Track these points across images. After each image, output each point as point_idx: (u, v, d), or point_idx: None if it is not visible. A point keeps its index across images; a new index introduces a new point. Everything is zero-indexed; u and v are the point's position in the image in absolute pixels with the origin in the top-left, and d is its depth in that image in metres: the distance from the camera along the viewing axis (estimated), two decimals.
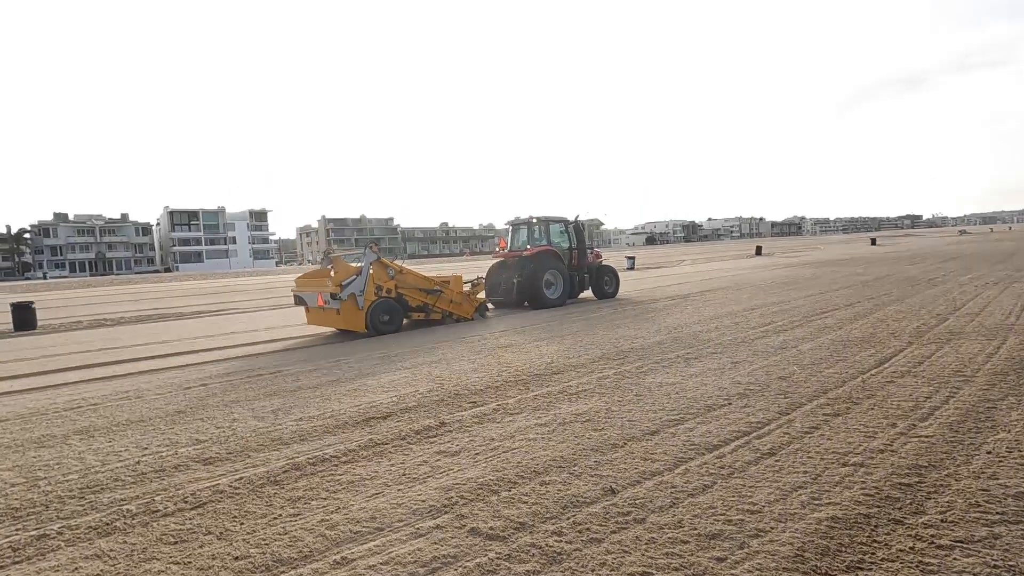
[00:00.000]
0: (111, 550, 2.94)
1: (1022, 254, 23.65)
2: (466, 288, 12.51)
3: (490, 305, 13.63)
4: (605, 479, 3.45)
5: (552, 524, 2.94)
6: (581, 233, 14.72)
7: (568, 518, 2.99)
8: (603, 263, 15.51)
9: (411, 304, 11.27)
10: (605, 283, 15.13)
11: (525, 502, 3.21)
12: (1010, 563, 2.39)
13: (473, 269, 26.35)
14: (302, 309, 11.62)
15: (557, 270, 13.70)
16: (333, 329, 11.30)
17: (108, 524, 3.23)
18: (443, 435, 4.47)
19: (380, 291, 10.73)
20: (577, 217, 14.79)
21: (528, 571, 2.53)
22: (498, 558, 2.65)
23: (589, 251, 15.18)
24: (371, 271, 10.59)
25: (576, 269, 14.41)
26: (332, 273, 10.69)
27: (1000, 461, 3.39)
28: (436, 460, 3.94)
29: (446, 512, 3.14)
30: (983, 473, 3.24)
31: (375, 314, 10.59)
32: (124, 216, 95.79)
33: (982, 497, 2.96)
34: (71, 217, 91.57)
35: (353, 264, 11.11)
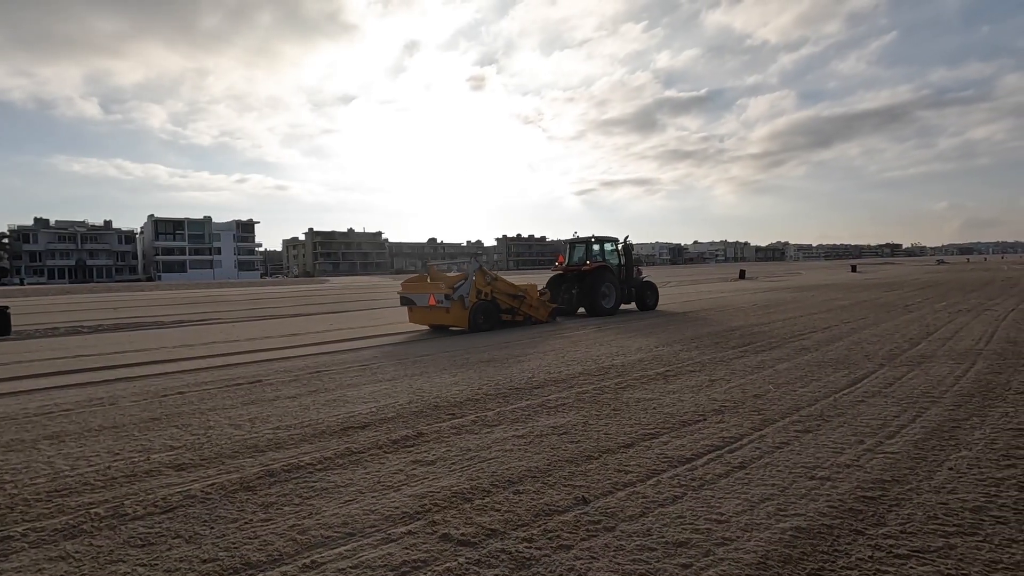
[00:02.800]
0: (77, 552, 2.90)
1: (995, 283, 24.29)
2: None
3: None
4: (578, 489, 3.49)
5: (523, 531, 2.97)
6: (629, 252, 16.73)
7: (539, 526, 3.03)
8: (645, 279, 17.32)
9: (502, 307, 12.94)
10: (647, 296, 16.86)
11: (498, 510, 3.24)
12: (963, 572, 2.47)
13: None
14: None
15: (611, 283, 15.51)
16: (427, 327, 13.10)
17: (75, 527, 3.18)
18: (420, 445, 4.48)
19: (480, 295, 12.46)
20: (626, 238, 16.93)
21: (496, 575, 2.56)
22: (468, 563, 2.67)
23: (634, 268, 17.00)
24: (474, 278, 12.31)
25: (624, 283, 16.25)
26: (429, 280, 12.83)
27: (960, 477, 3.49)
28: (412, 469, 3.95)
29: (419, 519, 3.16)
30: (943, 488, 3.34)
31: (475, 314, 12.26)
32: (107, 223, 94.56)
33: (940, 510, 3.05)
34: (52, 223, 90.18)
35: (448, 273, 12.87)
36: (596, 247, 16.19)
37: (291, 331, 13.82)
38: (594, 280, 15.08)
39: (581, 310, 15.70)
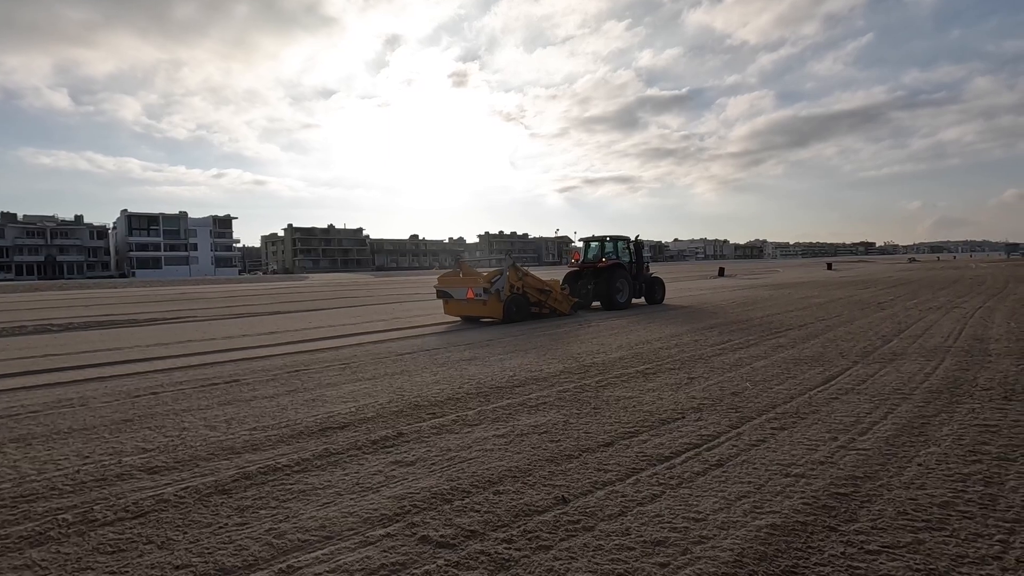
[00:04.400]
0: (43, 560, 2.82)
1: (964, 281, 25.00)
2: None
3: None
4: (558, 489, 3.50)
5: (503, 532, 2.97)
6: (640, 250, 17.75)
7: (519, 526, 3.03)
8: (654, 276, 18.32)
9: (531, 300, 13.91)
10: (656, 291, 17.92)
11: (477, 511, 3.23)
12: (930, 566, 2.54)
13: None
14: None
15: (624, 279, 16.52)
16: (458, 318, 14.06)
17: (41, 533, 3.09)
18: (400, 445, 4.45)
19: (513, 289, 13.46)
20: (637, 236, 17.91)
21: None
22: (447, 565, 2.66)
23: (644, 265, 18.00)
24: (508, 273, 13.33)
25: (636, 279, 17.23)
26: (462, 275, 14.03)
27: (929, 473, 3.59)
28: (391, 470, 3.92)
29: (398, 521, 3.13)
30: (913, 484, 3.42)
31: (509, 306, 13.23)
32: (78, 218, 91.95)
33: (910, 506, 3.13)
34: (20, 217, 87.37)
35: (478, 269, 13.89)
36: (610, 245, 17.28)
37: (269, 329, 13.62)
38: (609, 276, 16.05)
39: (595, 304, 16.52)
